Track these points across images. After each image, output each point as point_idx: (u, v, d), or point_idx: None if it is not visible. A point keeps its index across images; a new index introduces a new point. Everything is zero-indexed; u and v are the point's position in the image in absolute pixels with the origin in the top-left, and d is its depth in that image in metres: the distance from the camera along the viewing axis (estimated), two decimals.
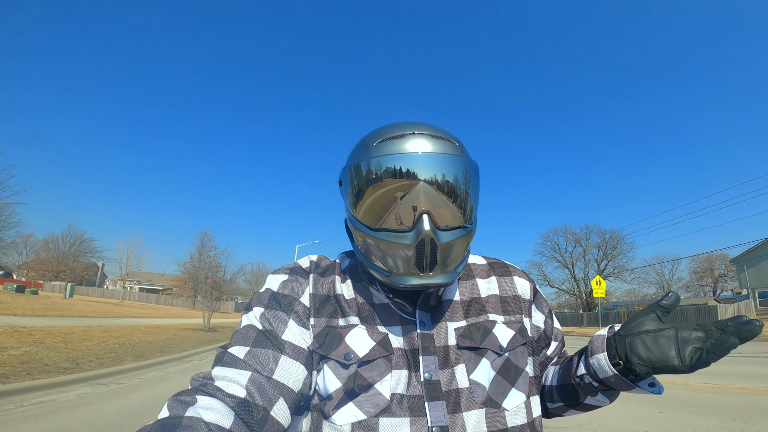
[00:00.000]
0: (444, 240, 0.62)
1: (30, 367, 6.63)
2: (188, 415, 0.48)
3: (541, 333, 0.77)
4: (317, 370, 0.64)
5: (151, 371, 7.99)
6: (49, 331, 11.20)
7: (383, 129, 0.68)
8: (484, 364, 0.65)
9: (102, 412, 4.75)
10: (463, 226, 0.65)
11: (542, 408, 0.76)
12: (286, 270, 0.73)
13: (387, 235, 0.63)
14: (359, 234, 0.67)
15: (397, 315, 0.68)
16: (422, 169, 0.61)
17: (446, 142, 0.65)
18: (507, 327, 0.70)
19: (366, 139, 0.69)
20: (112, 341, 11.08)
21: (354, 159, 0.68)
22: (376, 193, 0.63)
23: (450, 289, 0.73)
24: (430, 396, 0.61)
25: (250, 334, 0.62)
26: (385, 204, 0.63)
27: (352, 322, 0.67)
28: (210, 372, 0.59)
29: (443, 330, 0.67)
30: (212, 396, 0.53)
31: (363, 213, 0.65)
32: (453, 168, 0.63)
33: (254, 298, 0.69)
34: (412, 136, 0.64)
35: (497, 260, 0.82)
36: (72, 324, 14.16)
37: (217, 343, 14.04)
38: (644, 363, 0.59)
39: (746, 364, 8.95)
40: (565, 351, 0.84)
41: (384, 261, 0.65)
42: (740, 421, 4.45)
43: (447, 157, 0.63)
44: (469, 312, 0.71)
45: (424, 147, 0.63)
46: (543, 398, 0.78)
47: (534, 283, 0.80)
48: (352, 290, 0.72)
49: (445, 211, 0.63)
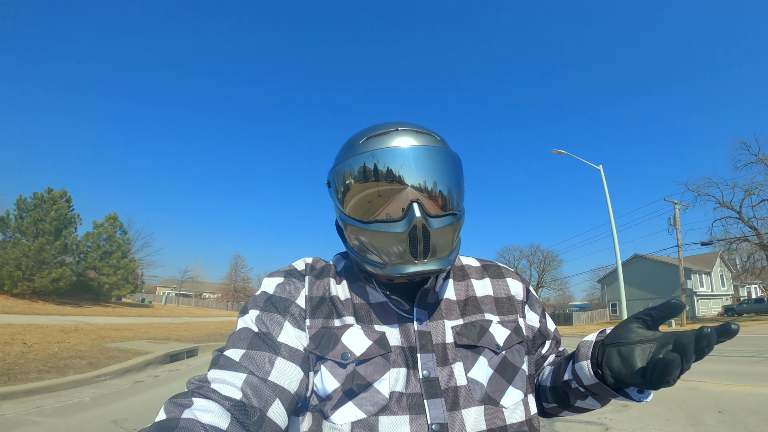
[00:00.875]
0: (435, 226, 0.64)
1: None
2: (185, 417, 0.48)
3: (536, 332, 0.77)
4: (314, 371, 0.64)
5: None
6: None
7: (367, 128, 0.71)
8: (481, 362, 0.65)
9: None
10: (452, 213, 0.67)
11: (539, 407, 0.78)
12: (281, 273, 0.74)
13: (379, 226, 0.64)
14: (351, 230, 0.68)
15: (394, 313, 0.69)
16: (408, 161, 0.64)
17: (429, 136, 0.69)
18: (502, 326, 0.71)
19: (351, 139, 0.72)
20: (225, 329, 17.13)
21: (341, 158, 0.70)
22: (366, 188, 0.65)
23: (447, 288, 0.74)
24: (429, 393, 0.61)
25: (245, 337, 0.63)
26: (375, 198, 0.65)
27: (347, 322, 0.68)
28: (206, 375, 0.59)
29: (440, 328, 0.68)
30: (208, 398, 0.53)
31: (354, 209, 0.67)
32: (437, 159, 0.66)
33: (250, 301, 0.69)
34: (396, 133, 0.67)
35: (491, 262, 0.84)
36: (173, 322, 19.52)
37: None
38: (614, 375, 0.59)
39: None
40: (564, 349, 0.83)
41: (378, 253, 0.66)
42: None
43: (431, 149, 0.66)
44: (466, 311, 0.72)
45: (409, 141, 0.66)
46: (539, 398, 0.78)
47: (527, 284, 0.81)
48: (347, 291, 0.72)
49: (434, 200, 0.65)
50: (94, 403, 5.09)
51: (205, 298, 62.84)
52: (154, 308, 33.89)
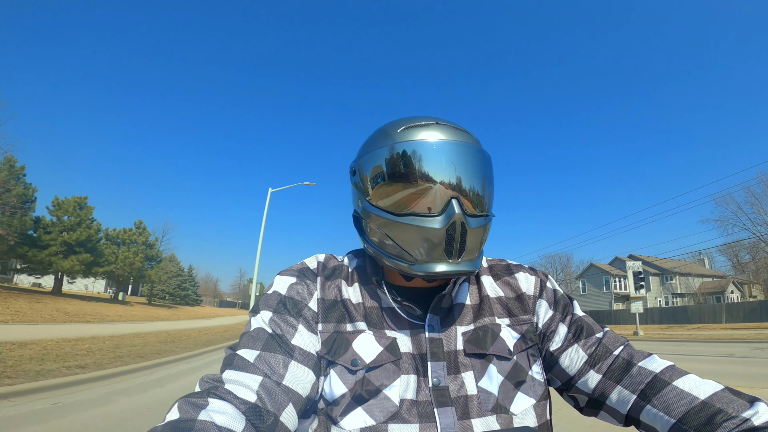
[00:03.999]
0: (473, 225, 0.62)
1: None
2: (201, 419, 0.47)
3: (550, 327, 0.71)
4: (324, 375, 0.63)
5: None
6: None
7: (403, 119, 0.68)
8: (491, 369, 0.64)
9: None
10: (485, 215, 0.66)
11: (576, 405, 0.71)
12: (293, 272, 0.72)
13: (414, 219, 0.62)
14: (379, 222, 0.66)
15: (405, 319, 0.67)
16: (451, 156, 0.62)
17: (467, 134, 0.67)
18: (513, 330, 0.69)
19: (386, 127, 0.69)
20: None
21: (373, 145, 0.67)
22: (402, 179, 0.63)
23: (461, 292, 0.72)
24: (439, 402, 0.60)
25: (260, 338, 0.62)
26: (412, 189, 0.62)
27: (359, 327, 0.66)
28: (220, 374, 0.58)
29: (452, 335, 0.66)
30: (223, 399, 0.52)
31: (386, 200, 0.64)
32: (477, 157, 0.65)
33: (262, 300, 0.68)
34: (437, 126, 0.65)
35: (500, 260, 0.81)
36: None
37: None
38: None
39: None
40: (624, 349, 0.67)
41: (409, 248, 0.63)
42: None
43: (472, 147, 0.65)
44: (478, 315, 0.70)
45: (452, 135, 0.64)
46: (578, 393, 0.68)
47: (542, 277, 0.77)
48: (359, 294, 0.71)
49: (472, 198, 0.63)
50: None
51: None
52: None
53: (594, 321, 0.73)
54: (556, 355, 0.70)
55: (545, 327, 0.71)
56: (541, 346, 0.71)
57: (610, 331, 0.72)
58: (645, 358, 0.64)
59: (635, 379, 0.62)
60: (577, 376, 0.68)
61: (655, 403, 0.58)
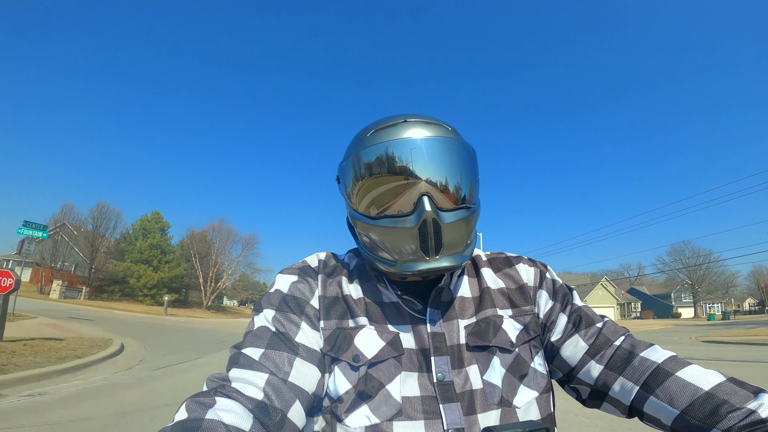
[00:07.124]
0: (447, 221, 0.61)
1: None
2: (208, 418, 0.47)
3: (551, 318, 0.71)
4: (329, 372, 0.63)
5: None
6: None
7: (376, 121, 0.69)
8: (495, 362, 0.63)
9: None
10: (465, 207, 0.64)
11: (578, 397, 0.71)
12: (295, 270, 0.72)
13: (388, 221, 0.62)
14: (361, 226, 0.67)
15: (407, 313, 0.67)
16: (417, 153, 0.61)
17: (439, 127, 0.66)
18: (515, 321, 0.69)
19: (360, 132, 0.69)
20: None
21: (349, 152, 0.68)
22: (374, 182, 0.63)
23: (461, 285, 0.72)
24: (444, 398, 0.60)
25: (264, 336, 0.62)
26: (383, 192, 0.63)
27: (361, 323, 0.66)
28: (227, 373, 0.58)
29: (455, 328, 0.66)
30: (231, 398, 0.53)
31: (362, 204, 0.65)
32: (448, 150, 0.63)
33: (264, 299, 0.68)
34: (405, 124, 0.65)
35: (498, 253, 0.80)
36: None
37: None
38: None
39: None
40: (625, 339, 0.67)
41: (389, 250, 0.64)
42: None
43: (441, 139, 0.63)
44: (480, 307, 0.69)
45: (417, 133, 0.63)
46: (580, 384, 0.69)
47: (542, 268, 0.77)
48: (360, 290, 0.71)
49: (445, 193, 0.63)
50: None
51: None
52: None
53: (593, 311, 0.73)
54: (557, 346, 0.69)
55: (546, 317, 0.71)
56: (542, 338, 0.71)
57: (609, 321, 0.72)
58: (647, 349, 0.64)
59: (638, 369, 0.61)
60: (578, 367, 0.67)
61: (659, 394, 0.58)
